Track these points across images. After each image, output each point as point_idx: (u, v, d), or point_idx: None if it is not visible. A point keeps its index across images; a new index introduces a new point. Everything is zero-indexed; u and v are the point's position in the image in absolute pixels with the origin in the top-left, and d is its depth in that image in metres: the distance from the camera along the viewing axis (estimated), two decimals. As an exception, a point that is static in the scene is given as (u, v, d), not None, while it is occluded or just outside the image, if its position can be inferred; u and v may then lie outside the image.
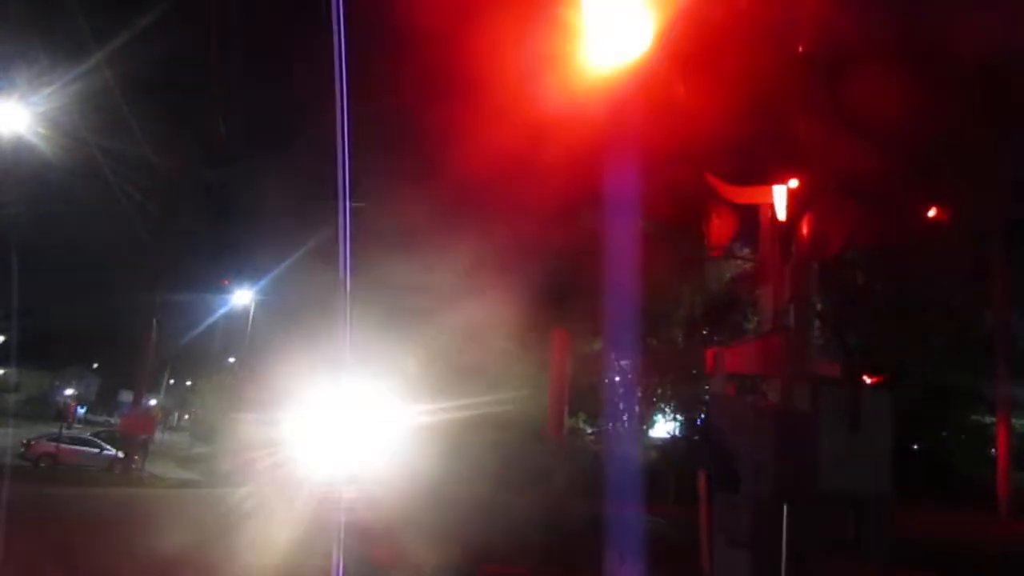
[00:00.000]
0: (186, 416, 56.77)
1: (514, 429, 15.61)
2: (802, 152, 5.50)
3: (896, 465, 5.80)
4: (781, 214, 5.64)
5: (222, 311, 38.36)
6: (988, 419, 19.53)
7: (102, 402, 52.09)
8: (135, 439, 24.48)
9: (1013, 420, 18.54)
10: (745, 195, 6.00)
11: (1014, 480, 17.33)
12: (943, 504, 16.15)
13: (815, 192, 5.57)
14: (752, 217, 6.17)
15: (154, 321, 26.19)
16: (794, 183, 5.45)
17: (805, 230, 5.88)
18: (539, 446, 14.80)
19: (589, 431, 26.57)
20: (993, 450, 18.40)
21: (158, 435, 30.35)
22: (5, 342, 40.42)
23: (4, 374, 48.73)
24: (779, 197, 5.64)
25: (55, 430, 28.77)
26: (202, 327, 40.45)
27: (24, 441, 26.82)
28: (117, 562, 9.54)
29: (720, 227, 6.48)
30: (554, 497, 12.36)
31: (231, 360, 44.78)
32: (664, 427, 30.65)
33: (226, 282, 37.47)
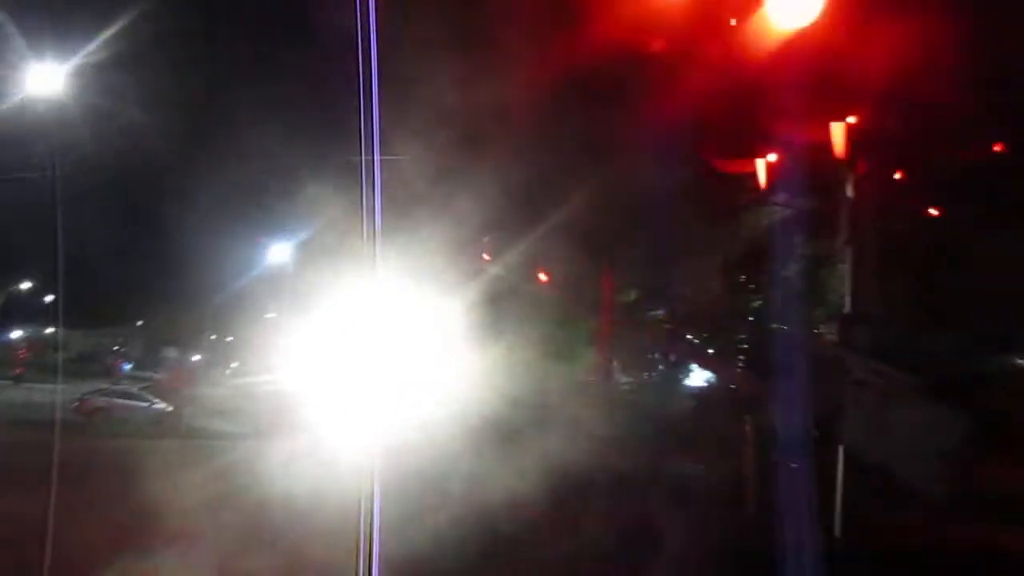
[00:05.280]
0: (227, 371, 57.75)
1: (554, 375, 15.65)
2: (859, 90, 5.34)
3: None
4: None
5: (259, 267, 38.74)
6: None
7: (146, 358, 53.16)
8: (179, 393, 25.19)
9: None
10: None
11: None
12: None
13: (875, 131, 5.42)
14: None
15: (195, 279, 26.64)
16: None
17: (861, 170, 5.76)
18: (584, 393, 14.80)
19: (624, 380, 26.63)
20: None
21: (201, 389, 31.08)
22: (52, 303, 41.38)
23: (52, 333, 49.93)
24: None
25: (104, 386, 29.60)
26: (240, 284, 40.97)
27: (77, 397, 27.65)
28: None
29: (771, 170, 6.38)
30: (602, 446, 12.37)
31: (270, 315, 45.40)
32: (700, 376, 30.61)
33: (260, 240, 37.74)
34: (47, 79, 18.09)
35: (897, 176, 5.59)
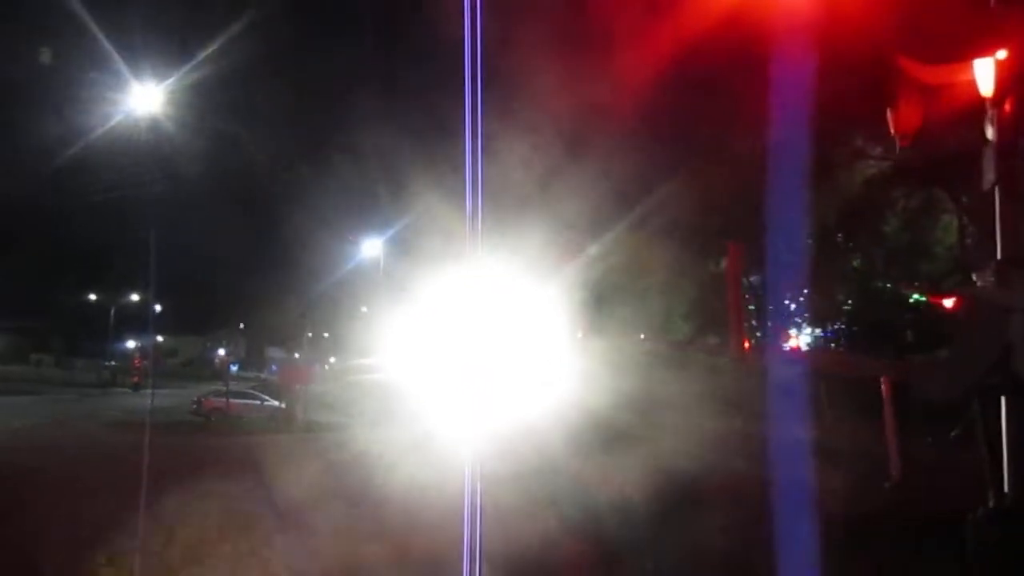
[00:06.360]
0: (326, 366, 59.73)
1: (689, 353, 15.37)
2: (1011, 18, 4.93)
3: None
4: (986, 91, 5.10)
5: (350, 264, 39.71)
6: None
7: (250, 359, 55.68)
8: (293, 389, 26.27)
9: None
10: (941, 74, 5.47)
11: None
12: None
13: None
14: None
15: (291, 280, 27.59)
16: (1002, 54, 4.93)
17: (1008, 108, 5.33)
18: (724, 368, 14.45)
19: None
20: None
21: (306, 385, 32.27)
22: (161, 312, 43.78)
23: (162, 342, 52.90)
24: (983, 72, 5.09)
25: (217, 387, 31.08)
26: (333, 282, 42.10)
27: (195, 398, 29.29)
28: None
29: (908, 115, 5.98)
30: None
31: (364, 310, 46.57)
32: (796, 341, 29.70)
33: (352, 238, 38.64)
34: (147, 97, 18.99)
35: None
